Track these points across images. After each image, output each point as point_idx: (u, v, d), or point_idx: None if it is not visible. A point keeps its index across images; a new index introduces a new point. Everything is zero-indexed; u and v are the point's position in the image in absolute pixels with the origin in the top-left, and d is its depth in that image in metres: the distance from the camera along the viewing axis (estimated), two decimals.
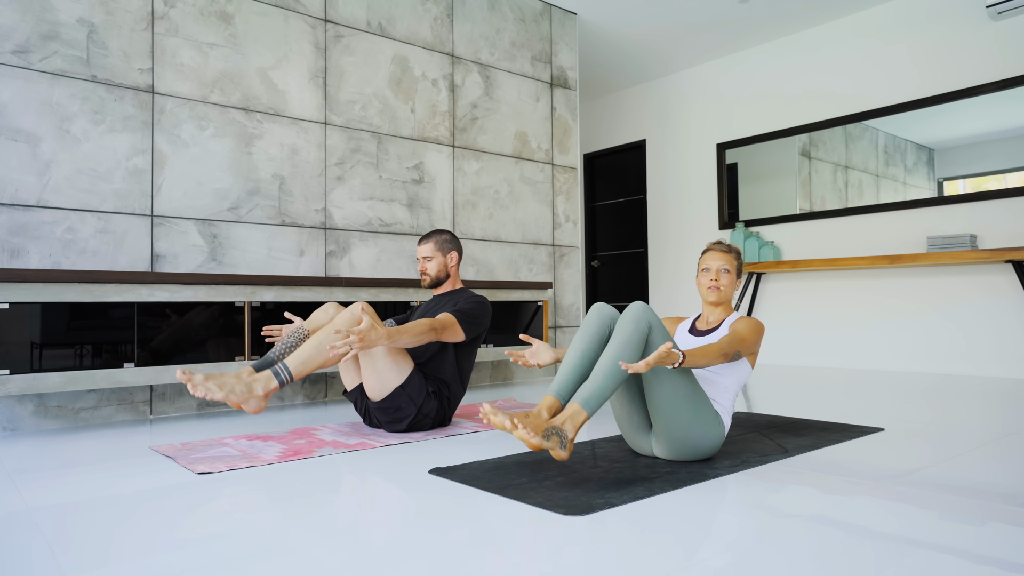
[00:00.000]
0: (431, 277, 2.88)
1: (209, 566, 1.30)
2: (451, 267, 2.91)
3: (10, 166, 2.86)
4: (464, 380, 2.81)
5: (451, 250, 2.90)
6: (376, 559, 1.33)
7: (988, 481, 1.86)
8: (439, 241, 2.89)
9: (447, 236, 2.92)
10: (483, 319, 2.75)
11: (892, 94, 4.96)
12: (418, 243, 2.92)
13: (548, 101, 4.87)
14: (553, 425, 1.79)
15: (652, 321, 1.98)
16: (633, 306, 2.00)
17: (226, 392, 2.23)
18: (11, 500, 1.79)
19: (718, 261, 2.27)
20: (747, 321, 2.18)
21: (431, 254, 2.87)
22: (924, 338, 4.77)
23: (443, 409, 2.70)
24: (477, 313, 2.72)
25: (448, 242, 2.90)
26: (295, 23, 3.68)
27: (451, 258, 2.90)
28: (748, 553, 1.34)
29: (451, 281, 2.94)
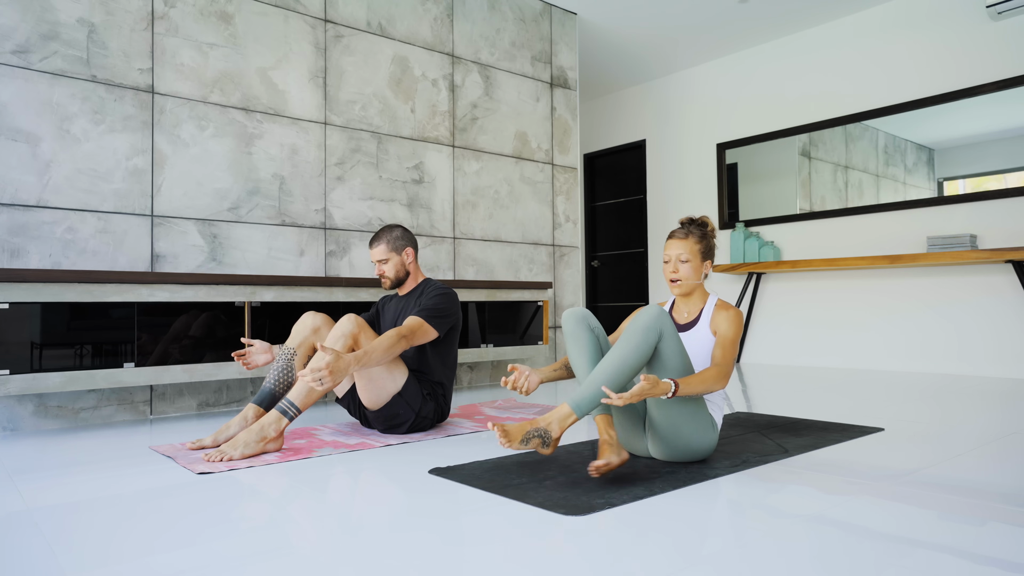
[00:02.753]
0: (391, 279, 2.78)
1: (209, 566, 1.30)
2: (409, 264, 2.79)
3: (10, 166, 2.86)
4: (452, 372, 2.79)
5: (405, 246, 2.78)
6: (376, 559, 1.33)
7: (988, 481, 1.86)
8: (390, 240, 2.75)
9: (398, 232, 2.78)
10: (450, 310, 2.67)
11: (892, 94, 4.96)
12: (369, 246, 2.80)
13: (548, 101, 4.87)
14: (536, 427, 1.93)
15: (664, 329, 1.94)
16: (647, 311, 1.96)
17: (241, 450, 2.22)
18: (11, 500, 1.79)
19: (675, 249, 2.15)
20: (729, 317, 2.10)
21: (385, 256, 2.75)
22: (924, 338, 4.77)
23: (440, 408, 2.70)
24: (442, 306, 2.64)
25: (400, 238, 2.77)
26: (295, 23, 3.68)
27: (407, 255, 2.78)
28: (748, 553, 1.34)
29: (412, 277, 2.83)
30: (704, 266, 2.17)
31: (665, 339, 1.95)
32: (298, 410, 2.33)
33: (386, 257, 2.75)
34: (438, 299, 2.66)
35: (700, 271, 2.17)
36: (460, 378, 4.33)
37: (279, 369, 2.53)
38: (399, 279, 2.78)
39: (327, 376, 2.19)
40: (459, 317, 2.74)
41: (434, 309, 2.61)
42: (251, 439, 2.25)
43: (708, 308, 2.17)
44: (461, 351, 3.95)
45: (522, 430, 1.92)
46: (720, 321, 2.11)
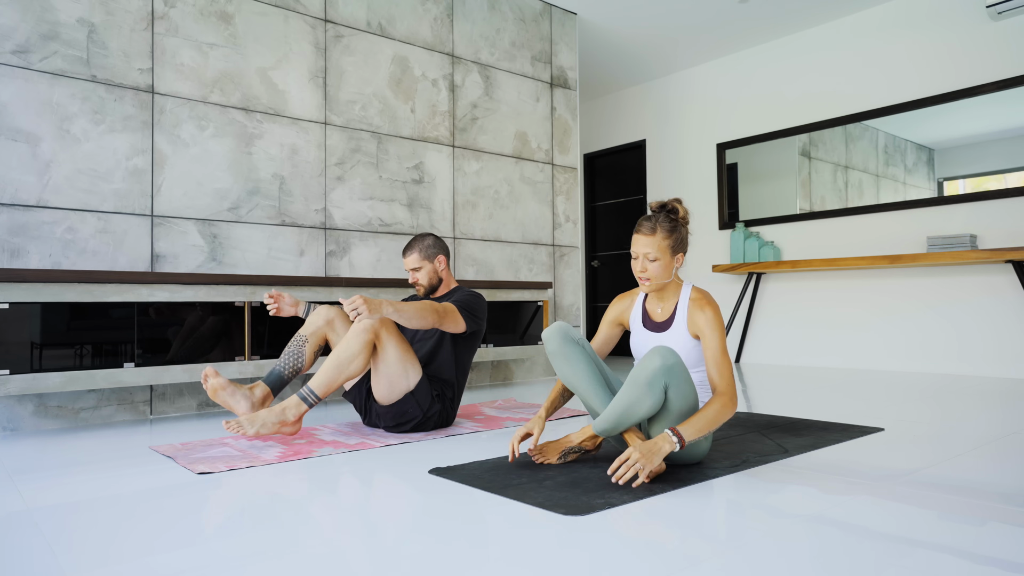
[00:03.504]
0: (424, 287, 2.83)
1: (209, 566, 1.30)
2: (441, 271, 2.84)
3: (10, 166, 2.86)
4: (463, 380, 2.80)
5: (437, 254, 2.83)
6: (376, 559, 1.33)
7: (988, 481, 1.86)
8: (423, 248, 2.80)
9: (430, 240, 2.83)
10: (481, 312, 2.73)
11: (892, 94, 4.96)
12: (402, 255, 2.84)
13: (548, 101, 4.87)
14: (571, 445, 2.08)
15: (669, 381, 1.80)
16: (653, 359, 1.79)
17: (257, 428, 2.29)
18: (11, 500, 1.79)
19: (643, 247, 1.98)
20: (709, 320, 1.95)
21: (418, 264, 2.80)
22: (924, 338, 4.77)
23: (446, 411, 2.70)
24: (476, 305, 2.70)
25: (432, 246, 2.82)
26: (295, 23, 3.68)
27: (439, 262, 2.83)
28: (748, 553, 1.34)
29: (445, 283, 2.88)
30: (676, 260, 2.02)
31: (672, 388, 1.82)
32: (317, 398, 2.39)
33: (419, 265, 2.80)
34: (473, 299, 2.72)
35: (671, 267, 2.01)
36: None
37: (290, 354, 2.60)
38: (432, 286, 2.83)
39: (361, 305, 2.27)
40: (484, 324, 2.77)
41: (468, 304, 2.68)
42: (270, 419, 2.31)
43: (683, 303, 2.04)
44: None
45: (558, 449, 2.08)
46: (700, 323, 1.97)
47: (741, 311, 5.80)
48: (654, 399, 1.81)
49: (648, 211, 2.05)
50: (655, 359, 1.81)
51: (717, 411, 1.85)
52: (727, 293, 5.93)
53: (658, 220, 1.99)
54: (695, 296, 2.03)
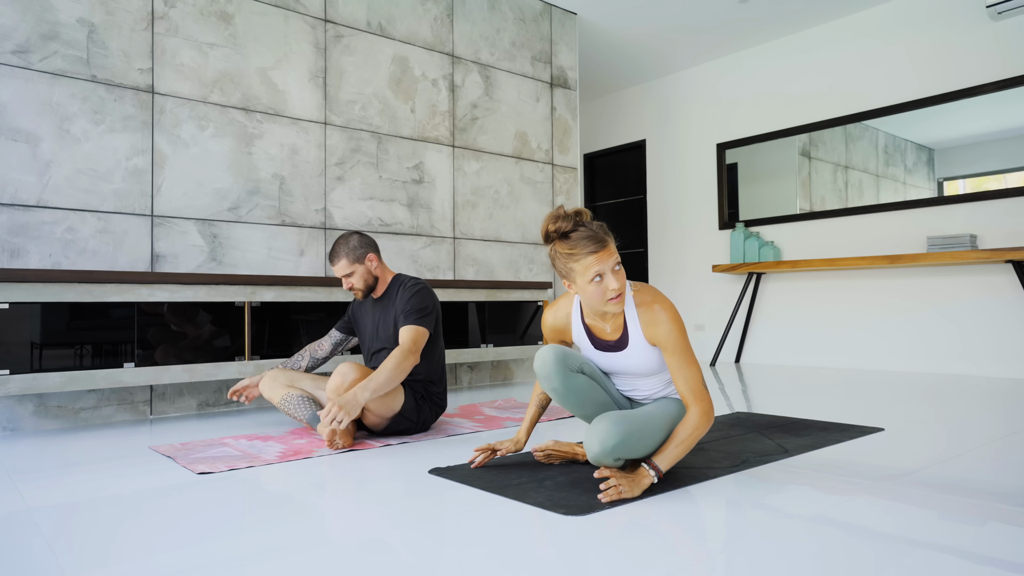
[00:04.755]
0: (362, 290, 2.69)
1: (209, 566, 1.30)
2: (375, 269, 2.69)
3: (10, 166, 2.86)
4: (441, 366, 2.73)
5: (367, 253, 2.66)
6: (376, 559, 1.33)
7: (988, 481, 1.86)
8: (349, 251, 2.64)
9: (354, 241, 2.66)
10: (432, 306, 2.60)
11: (892, 94, 4.96)
12: (330, 261, 2.68)
13: (548, 101, 4.87)
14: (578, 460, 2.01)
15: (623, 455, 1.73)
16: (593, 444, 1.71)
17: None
18: (11, 500, 1.79)
19: (606, 262, 1.70)
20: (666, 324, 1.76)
21: (349, 269, 2.64)
22: (924, 338, 4.77)
23: (436, 407, 2.69)
24: (424, 304, 2.57)
25: (359, 246, 2.65)
26: (295, 23, 3.68)
27: (370, 261, 2.67)
28: (748, 553, 1.34)
29: (382, 280, 2.72)
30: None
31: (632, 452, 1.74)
32: None
33: (350, 271, 2.65)
34: (416, 298, 2.58)
35: (622, 273, 1.77)
36: (460, 378, 4.33)
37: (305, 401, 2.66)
38: (369, 287, 2.70)
39: (339, 413, 2.21)
40: (439, 309, 2.67)
41: (419, 310, 2.55)
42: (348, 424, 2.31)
43: (631, 315, 1.81)
44: (461, 351, 3.95)
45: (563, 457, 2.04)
46: (657, 330, 1.77)
47: (741, 311, 5.80)
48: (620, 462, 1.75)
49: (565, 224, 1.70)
50: (594, 445, 1.70)
51: (691, 431, 1.74)
52: (727, 293, 5.93)
53: (591, 226, 1.72)
54: (640, 301, 1.80)
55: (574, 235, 1.70)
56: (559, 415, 3.06)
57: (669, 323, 1.77)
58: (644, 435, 1.74)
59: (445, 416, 3.07)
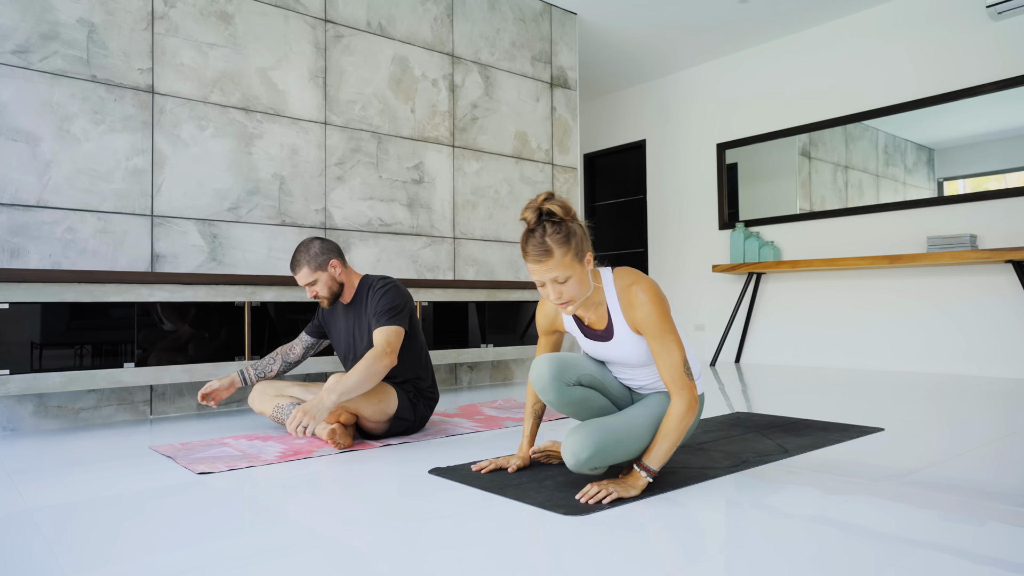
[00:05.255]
0: (328, 298, 2.59)
1: (209, 566, 1.30)
2: (339, 275, 2.58)
3: (10, 166, 2.86)
4: (425, 358, 2.70)
5: (328, 259, 2.56)
6: (376, 559, 1.33)
7: (988, 481, 1.86)
8: (310, 259, 2.53)
9: (315, 248, 2.55)
10: (401, 302, 2.51)
11: (892, 94, 4.96)
12: (292, 271, 2.58)
13: (548, 101, 4.87)
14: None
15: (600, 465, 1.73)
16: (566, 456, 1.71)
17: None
18: (11, 500, 1.79)
19: (545, 273, 1.65)
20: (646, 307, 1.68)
21: (311, 278, 2.54)
22: (924, 338, 4.77)
23: (429, 400, 2.66)
24: (394, 302, 2.49)
25: (320, 253, 2.55)
26: (295, 23, 3.68)
27: (333, 267, 2.57)
28: (748, 553, 1.34)
29: (348, 284, 2.63)
30: (586, 262, 1.70)
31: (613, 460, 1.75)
32: None
33: (312, 279, 2.54)
34: (385, 298, 2.50)
35: (586, 275, 1.70)
36: (460, 378, 4.34)
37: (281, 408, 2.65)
38: (335, 294, 2.60)
39: (304, 419, 2.15)
40: (411, 304, 2.60)
41: (389, 309, 2.47)
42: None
43: (613, 302, 1.76)
44: (461, 351, 3.95)
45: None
46: (637, 314, 1.70)
47: (741, 311, 5.80)
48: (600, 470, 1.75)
49: (531, 218, 1.63)
50: (568, 458, 1.70)
51: (675, 424, 1.68)
52: (727, 293, 5.93)
53: (546, 234, 1.62)
54: (621, 288, 1.74)
55: (530, 237, 1.65)
56: (559, 415, 3.06)
57: (648, 304, 1.69)
58: (624, 442, 1.72)
59: (445, 416, 3.07)
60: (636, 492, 1.70)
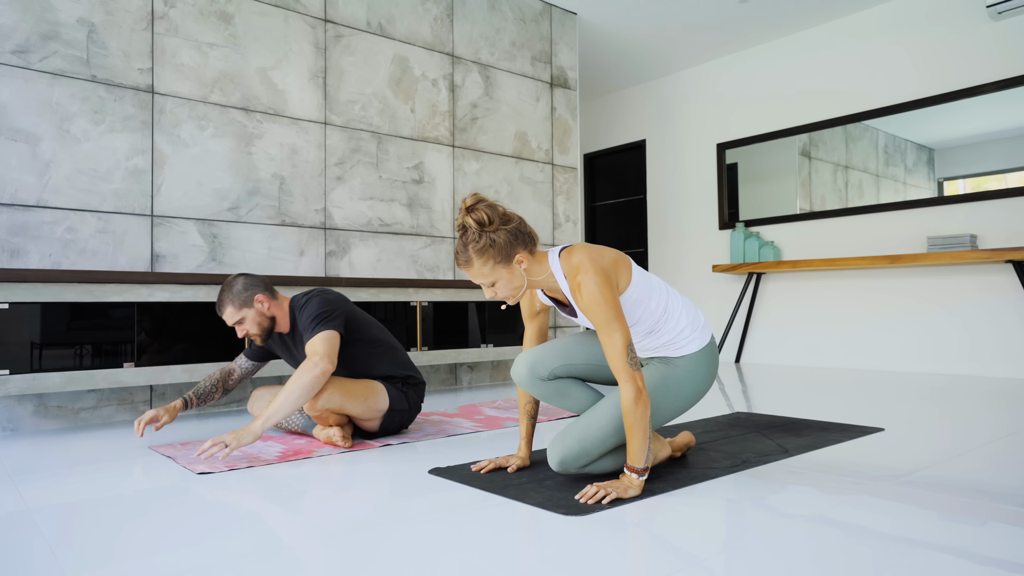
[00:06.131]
0: (260, 335, 2.43)
1: (209, 566, 1.30)
2: (267, 309, 2.41)
3: (10, 166, 2.86)
4: (398, 351, 2.62)
5: (253, 295, 2.39)
6: (376, 559, 1.33)
7: (988, 481, 1.86)
8: (234, 297, 2.37)
9: (239, 284, 2.39)
10: (328, 309, 2.37)
11: (892, 94, 4.96)
12: (218, 312, 2.45)
13: (548, 101, 4.87)
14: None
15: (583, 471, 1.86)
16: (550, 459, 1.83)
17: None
18: (11, 500, 1.79)
19: (476, 279, 1.73)
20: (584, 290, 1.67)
21: (238, 316, 2.38)
22: (924, 338, 4.77)
23: (417, 385, 2.63)
24: (319, 311, 2.35)
25: (244, 289, 2.38)
26: (295, 23, 3.68)
27: (260, 302, 2.39)
28: (748, 553, 1.34)
29: (281, 317, 2.46)
30: (517, 263, 1.71)
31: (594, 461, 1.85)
32: None
33: (239, 317, 2.38)
34: (308, 310, 2.36)
35: (518, 274, 1.73)
36: (460, 378, 4.34)
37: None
38: (267, 329, 2.44)
39: (230, 439, 2.08)
40: (344, 305, 2.46)
41: (314, 318, 2.33)
42: None
43: (564, 286, 1.77)
44: (461, 351, 3.95)
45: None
46: (580, 302, 1.70)
47: (741, 311, 5.80)
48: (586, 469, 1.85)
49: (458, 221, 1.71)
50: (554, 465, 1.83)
51: (630, 416, 1.65)
52: (727, 293, 5.93)
53: (467, 245, 1.68)
54: (568, 272, 1.74)
55: (456, 245, 1.72)
56: (558, 415, 3.06)
57: (588, 296, 1.67)
58: (603, 436, 1.80)
59: (445, 416, 3.08)
60: (635, 492, 1.70)
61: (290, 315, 2.48)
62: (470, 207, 1.68)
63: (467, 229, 1.67)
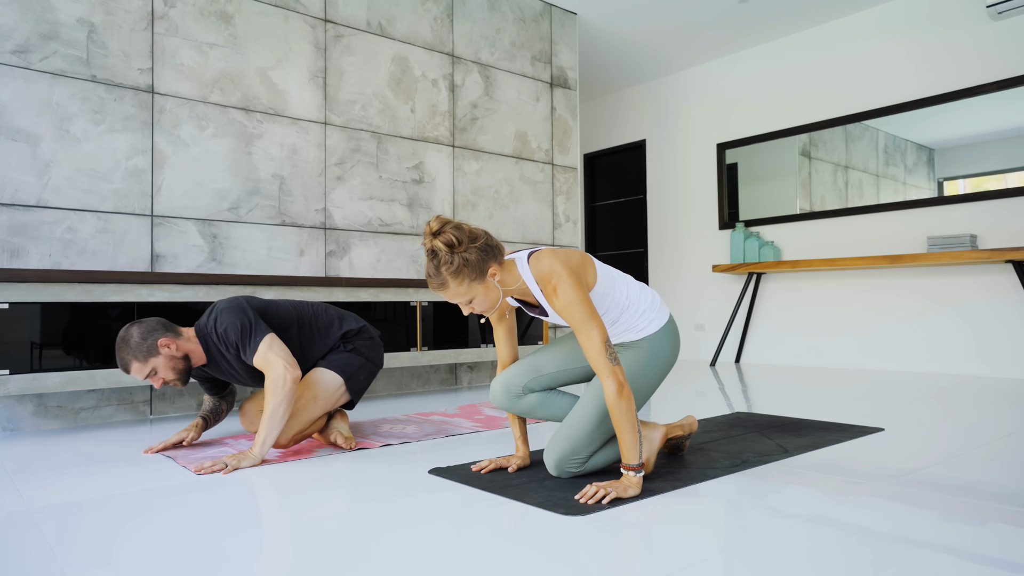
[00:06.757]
0: (179, 378, 2.25)
1: (210, 566, 1.30)
2: (176, 351, 2.22)
3: (10, 166, 2.86)
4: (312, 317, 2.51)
5: (156, 341, 2.18)
6: (376, 559, 1.33)
7: (988, 481, 1.86)
8: (139, 353, 2.16)
9: (135, 338, 2.16)
10: (241, 318, 2.23)
11: (892, 94, 4.96)
12: (124, 370, 2.20)
13: (548, 101, 4.87)
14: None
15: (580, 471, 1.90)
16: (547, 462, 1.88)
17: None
18: (11, 500, 1.79)
19: (453, 299, 1.73)
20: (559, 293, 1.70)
21: (148, 369, 2.18)
22: (924, 338, 4.77)
23: (366, 338, 2.56)
24: (236, 323, 2.22)
25: (141, 342, 2.16)
26: (295, 23, 3.68)
27: (165, 347, 2.20)
28: (748, 553, 1.34)
29: (193, 351, 2.28)
30: (491, 273, 1.71)
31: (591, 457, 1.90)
32: None
33: (149, 369, 2.18)
34: (229, 330, 2.22)
35: (493, 288, 1.73)
36: (460, 378, 4.33)
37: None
38: (184, 370, 2.25)
39: (230, 460, 2.07)
40: (254, 301, 2.35)
41: (241, 335, 2.21)
42: None
43: (536, 292, 1.78)
44: (461, 351, 3.95)
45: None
46: (557, 308, 1.73)
47: (741, 311, 5.80)
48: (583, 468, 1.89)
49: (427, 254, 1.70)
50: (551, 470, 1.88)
51: (615, 411, 1.67)
52: (727, 293, 5.93)
53: (439, 268, 1.66)
54: (539, 278, 1.75)
55: (428, 268, 1.71)
56: None
57: (564, 298, 1.69)
58: (584, 432, 1.84)
59: (445, 416, 3.07)
60: (634, 491, 1.71)
61: (206, 342, 2.29)
62: (437, 231, 1.66)
63: (437, 253, 1.66)
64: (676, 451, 2.19)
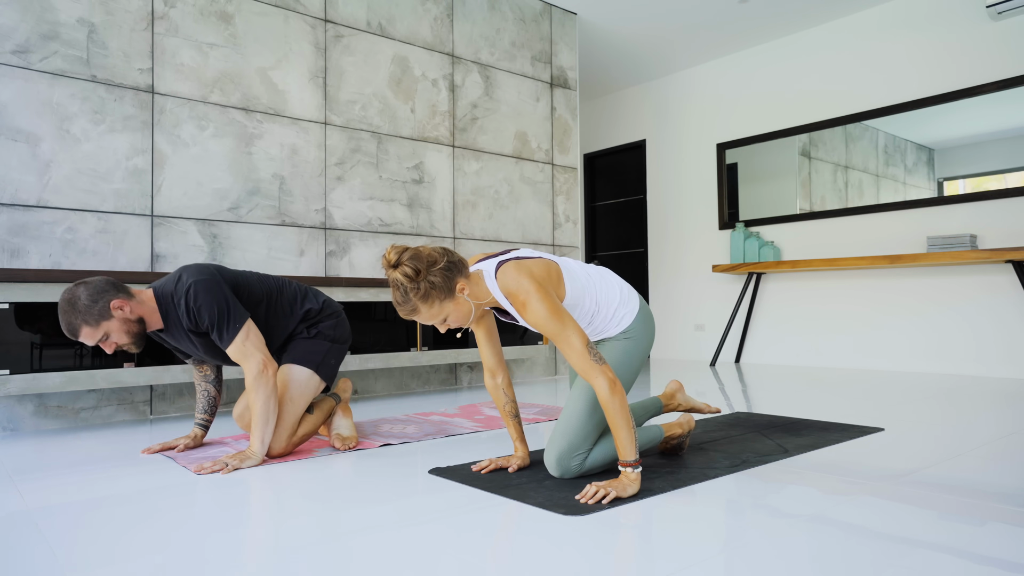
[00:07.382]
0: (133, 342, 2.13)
1: (210, 566, 1.30)
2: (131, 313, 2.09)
3: (10, 166, 2.86)
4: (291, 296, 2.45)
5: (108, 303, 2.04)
6: (376, 559, 1.33)
7: (988, 481, 1.86)
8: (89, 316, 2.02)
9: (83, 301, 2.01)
10: (216, 297, 2.13)
11: (892, 94, 4.96)
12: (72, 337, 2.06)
13: (548, 101, 4.87)
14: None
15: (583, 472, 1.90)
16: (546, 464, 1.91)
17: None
18: (11, 500, 1.79)
19: (427, 321, 1.73)
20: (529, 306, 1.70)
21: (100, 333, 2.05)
22: (924, 338, 4.77)
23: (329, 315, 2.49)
24: (212, 303, 2.12)
25: (91, 304, 2.02)
26: (295, 23, 3.68)
27: (118, 308, 2.06)
28: (748, 553, 1.34)
29: (147, 311, 2.15)
30: (459, 288, 1.71)
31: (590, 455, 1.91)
32: None
33: (102, 333, 2.05)
34: (203, 310, 2.12)
35: (464, 304, 1.74)
36: (460, 378, 4.34)
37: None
38: (139, 333, 2.13)
39: (230, 460, 2.07)
40: (224, 274, 2.26)
41: (219, 316, 2.13)
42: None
43: (506, 304, 1.79)
44: (461, 351, 3.95)
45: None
46: (530, 322, 1.73)
47: (741, 311, 5.80)
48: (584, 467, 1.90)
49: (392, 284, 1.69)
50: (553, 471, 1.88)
51: (609, 410, 1.68)
52: (727, 293, 5.93)
53: (407, 295, 1.66)
54: (507, 292, 1.76)
55: (395, 297, 1.70)
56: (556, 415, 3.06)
57: (536, 314, 1.70)
58: (578, 425, 1.86)
59: (445, 416, 3.08)
60: (634, 490, 1.71)
61: (165, 310, 2.17)
62: (395, 263, 1.65)
63: (399, 284, 1.65)
64: (676, 451, 2.19)
